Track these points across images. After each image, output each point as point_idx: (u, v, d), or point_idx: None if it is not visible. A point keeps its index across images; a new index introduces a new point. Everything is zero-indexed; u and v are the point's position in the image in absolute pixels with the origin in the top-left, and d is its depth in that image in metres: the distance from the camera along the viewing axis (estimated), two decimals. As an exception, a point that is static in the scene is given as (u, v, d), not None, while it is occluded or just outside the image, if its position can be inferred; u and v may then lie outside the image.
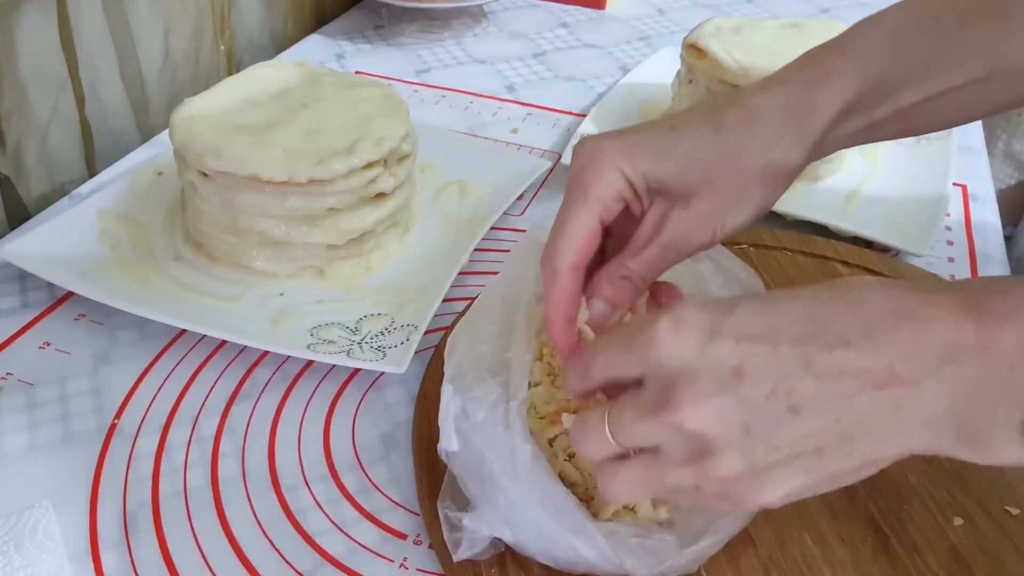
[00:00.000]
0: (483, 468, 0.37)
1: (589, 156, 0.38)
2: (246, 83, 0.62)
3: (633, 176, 0.38)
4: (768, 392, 0.30)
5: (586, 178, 0.38)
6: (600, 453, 0.35)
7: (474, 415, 0.37)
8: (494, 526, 0.37)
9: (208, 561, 0.42)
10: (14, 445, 0.47)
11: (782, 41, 0.71)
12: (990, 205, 0.72)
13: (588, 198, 0.38)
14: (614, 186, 0.38)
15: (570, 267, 0.38)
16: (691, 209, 0.38)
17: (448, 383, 0.38)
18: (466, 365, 0.39)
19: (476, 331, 0.42)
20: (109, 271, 0.57)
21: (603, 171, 0.38)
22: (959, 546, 0.41)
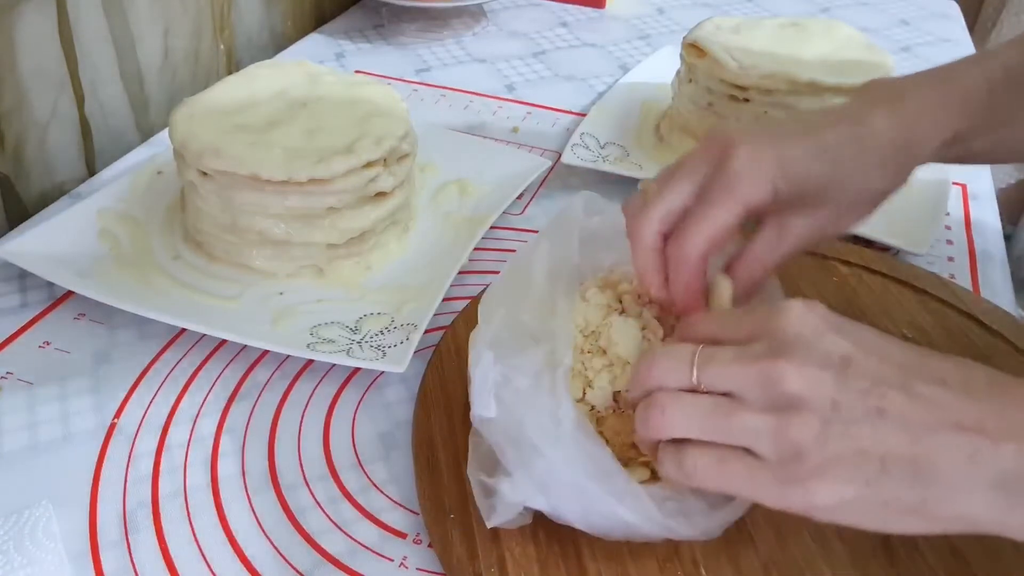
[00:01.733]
0: (522, 434, 0.37)
1: (749, 163, 0.40)
2: (246, 82, 0.62)
3: (783, 190, 0.40)
4: (865, 388, 0.32)
5: (743, 184, 0.39)
6: (668, 380, 0.35)
7: (517, 381, 0.37)
8: (529, 493, 0.37)
9: (208, 560, 0.42)
10: (14, 444, 0.47)
11: (782, 40, 0.71)
12: (990, 204, 0.72)
13: (737, 201, 0.39)
14: (764, 197, 0.40)
15: (701, 257, 0.40)
16: (814, 220, 0.42)
17: (488, 349, 0.38)
18: (505, 333, 0.39)
19: (514, 299, 0.42)
20: (109, 270, 0.57)
21: (760, 183, 0.40)
22: (959, 545, 0.41)
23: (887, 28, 1.06)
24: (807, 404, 0.32)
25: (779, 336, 0.34)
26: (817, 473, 0.32)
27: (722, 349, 0.35)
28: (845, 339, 0.33)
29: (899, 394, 0.31)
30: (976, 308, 0.55)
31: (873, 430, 0.31)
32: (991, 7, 1.75)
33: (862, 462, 0.31)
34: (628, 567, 0.40)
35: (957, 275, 0.62)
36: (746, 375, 0.33)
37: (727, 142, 0.40)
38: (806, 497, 0.32)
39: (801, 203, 0.41)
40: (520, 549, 0.40)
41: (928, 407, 0.31)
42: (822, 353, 0.33)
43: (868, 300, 0.57)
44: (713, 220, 0.39)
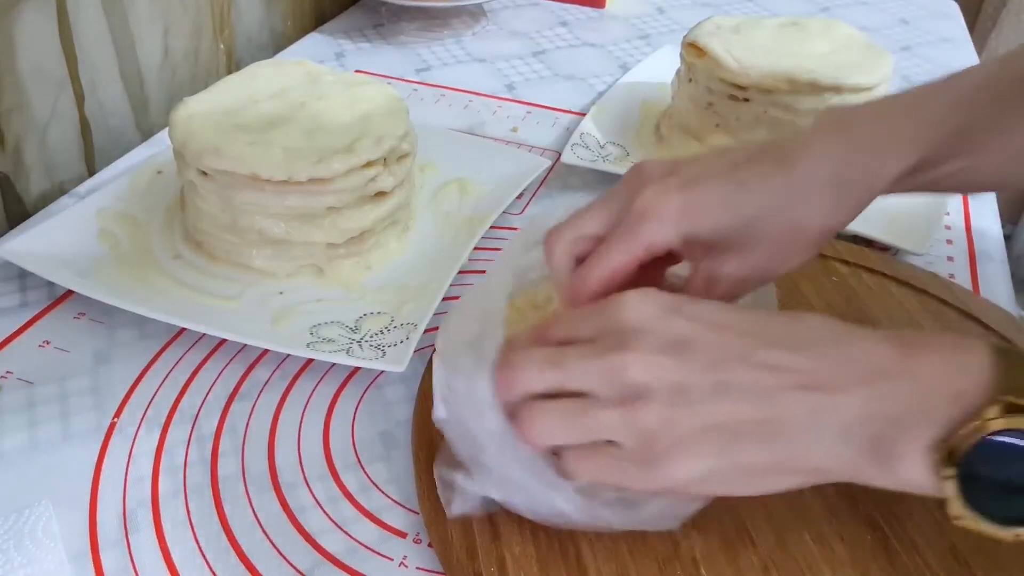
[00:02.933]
0: (468, 433, 0.38)
1: (652, 207, 0.39)
2: (246, 82, 0.62)
3: (691, 236, 0.39)
4: (705, 364, 0.33)
5: (644, 227, 0.39)
6: (527, 386, 0.36)
7: (455, 384, 0.38)
8: (484, 485, 0.39)
9: (208, 560, 0.42)
10: (14, 444, 0.47)
11: (782, 40, 0.71)
12: (990, 204, 0.72)
13: (638, 246, 0.39)
14: (667, 241, 0.39)
15: (594, 293, 0.40)
16: (745, 263, 0.40)
17: (437, 357, 0.40)
18: (454, 340, 0.41)
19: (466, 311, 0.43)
20: (108, 270, 0.57)
21: (662, 227, 0.39)
22: (958, 544, 0.41)
23: (887, 27, 1.06)
24: (651, 391, 0.33)
25: (619, 328, 0.35)
26: (671, 453, 0.33)
27: (571, 348, 0.36)
28: (683, 319, 0.35)
29: (739, 365, 0.33)
30: (976, 308, 0.55)
31: (717, 404, 0.33)
32: (991, 7, 1.75)
33: (713, 436, 0.33)
34: (628, 567, 0.40)
35: (957, 275, 0.62)
36: (593, 372, 0.35)
37: (642, 179, 0.40)
38: (667, 475, 0.34)
39: (726, 246, 0.40)
40: (520, 549, 0.40)
41: (769, 372, 0.33)
42: (661, 337, 0.34)
43: (868, 300, 0.57)
44: (609, 260, 0.40)
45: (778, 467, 0.33)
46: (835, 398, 0.32)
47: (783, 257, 0.40)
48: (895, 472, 0.31)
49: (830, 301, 0.56)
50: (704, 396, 0.33)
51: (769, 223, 0.39)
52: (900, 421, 0.31)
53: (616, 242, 0.40)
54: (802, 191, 0.39)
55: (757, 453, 0.33)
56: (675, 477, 0.34)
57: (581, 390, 0.35)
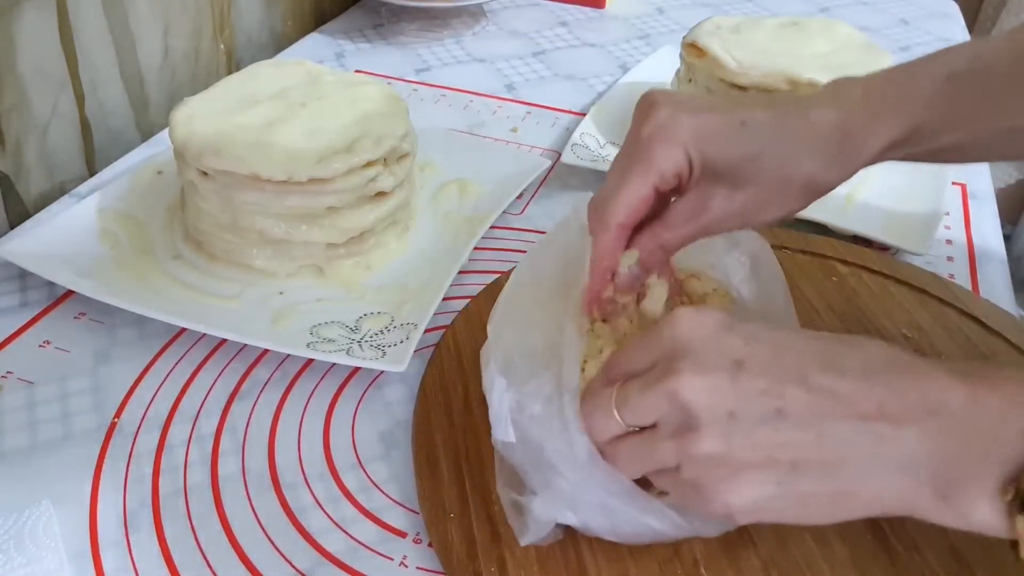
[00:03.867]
0: (543, 458, 0.37)
1: (662, 128, 0.39)
2: (246, 82, 0.62)
3: (695, 159, 0.40)
4: (762, 389, 0.32)
5: (654, 148, 0.39)
6: (606, 432, 0.36)
7: (529, 408, 0.38)
8: (558, 510, 0.38)
9: (208, 559, 0.42)
10: (14, 444, 0.47)
11: (781, 40, 0.71)
12: (989, 204, 0.72)
13: (651, 167, 0.39)
14: (678, 163, 0.39)
15: (620, 225, 0.40)
16: (733, 200, 0.40)
17: (499, 375, 0.39)
18: (516, 356, 0.40)
19: (522, 317, 0.42)
20: (109, 270, 0.57)
21: (672, 147, 0.39)
22: (959, 544, 0.41)
23: (887, 28, 1.06)
24: (703, 418, 0.32)
25: (672, 349, 0.34)
26: (728, 482, 0.32)
27: (632, 384, 0.35)
28: (736, 337, 0.33)
29: (797, 390, 0.32)
30: (976, 308, 0.55)
31: (775, 433, 0.31)
32: (991, 7, 1.75)
33: (770, 465, 0.32)
34: (628, 567, 0.40)
35: (957, 275, 0.62)
36: (653, 404, 0.34)
37: (650, 105, 0.40)
38: (724, 503, 0.33)
39: (723, 179, 0.40)
40: (520, 549, 0.40)
41: (828, 399, 0.31)
42: (714, 356, 0.33)
43: (868, 300, 0.57)
44: (627, 187, 0.40)
45: (837, 498, 0.32)
46: (898, 430, 0.30)
47: (768, 203, 0.41)
48: (961, 511, 0.30)
49: (830, 301, 0.56)
50: (761, 424, 0.32)
51: (763, 166, 0.40)
52: (966, 458, 0.30)
53: (630, 171, 0.40)
54: (797, 142, 0.40)
55: (816, 483, 0.32)
56: (730, 504, 0.33)
57: (650, 423, 0.35)
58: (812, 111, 0.40)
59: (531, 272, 0.45)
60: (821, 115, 0.40)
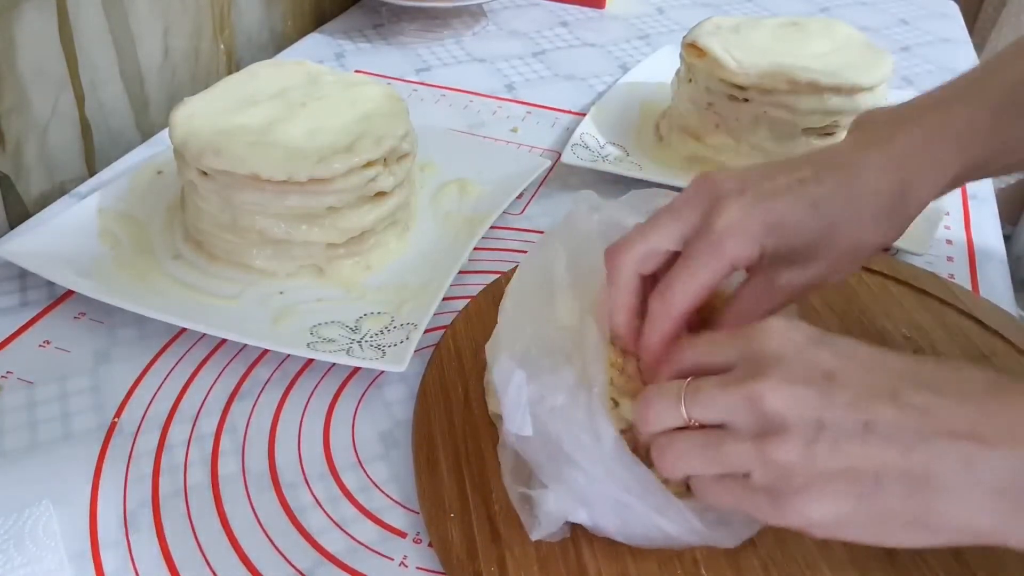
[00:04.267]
0: (559, 451, 0.37)
1: (736, 223, 0.38)
2: (246, 82, 0.62)
3: (770, 250, 0.39)
4: (850, 400, 0.31)
5: (729, 244, 0.38)
6: (664, 422, 0.35)
7: (551, 400, 0.37)
8: (570, 507, 0.38)
9: (208, 559, 0.42)
10: (14, 444, 0.47)
11: (781, 40, 0.71)
12: (989, 204, 0.72)
13: (724, 261, 0.38)
14: (751, 256, 0.39)
15: (683, 314, 0.39)
16: (803, 275, 0.41)
17: (519, 367, 0.38)
18: (535, 350, 0.39)
19: (537, 312, 0.42)
20: (109, 270, 0.57)
21: (746, 242, 0.38)
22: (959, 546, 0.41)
23: (887, 27, 1.06)
24: (790, 425, 0.31)
25: (759, 356, 0.33)
26: (808, 492, 0.31)
27: (707, 380, 0.35)
28: (827, 351, 0.33)
29: (887, 405, 0.31)
30: (976, 308, 0.55)
31: (863, 446, 0.31)
32: (991, 7, 1.75)
33: (854, 478, 0.31)
34: (628, 567, 0.40)
35: (957, 275, 0.62)
36: (730, 403, 0.33)
37: (716, 193, 0.39)
38: (800, 514, 0.32)
39: (790, 258, 0.40)
40: (520, 549, 0.40)
41: (919, 416, 0.30)
42: (804, 368, 0.32)
43: (868, 300, 0.57)
44: (697, 279, 0.38)
45: (920, 520, 0.31)
46: (993, 451, 0.29)
47: (837, 270, 0.42)
48: None
49: (830, 301, 0.56)
50: (847, 435, 0.31)
51: (833, 241, 0.40)
52: None
53: (700, 261, 0.38)
54: (865, 209, 0.40)
55: (900, 502, 0.30)
56: (808, 516, 0.32)
57: (718, 422, 0.34)
58: (869, 175, 0.40)
59: (541, 266, 0.44)
60: (879, 180, 0.40)
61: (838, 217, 0.40)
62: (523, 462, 0.40)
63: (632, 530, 0.39)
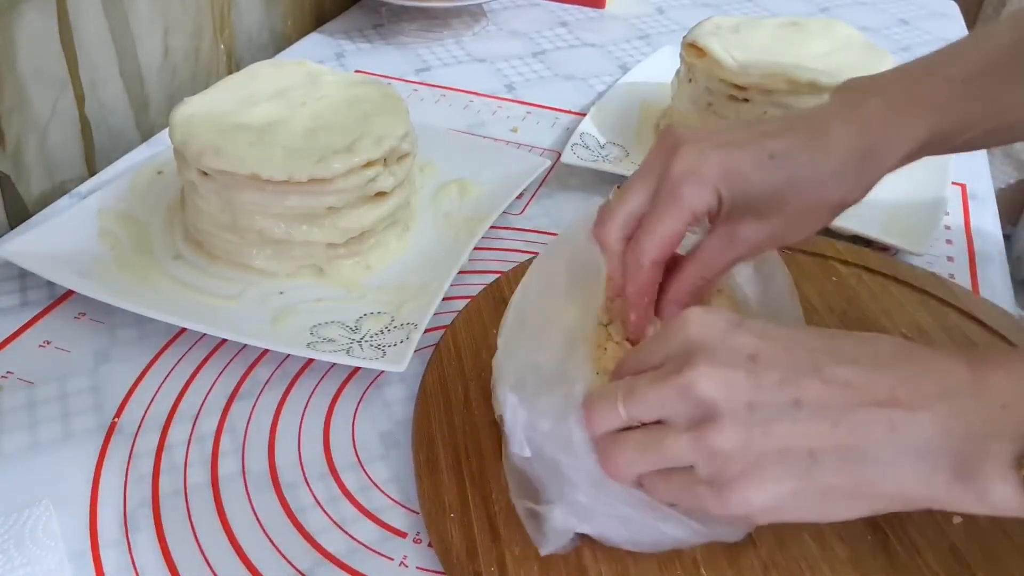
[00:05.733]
0: (559, 472, 0.38)
1: (692, 169, 0.40)
2: (246, 82, 0.62)
3: (725, 197, 0.40)
4: (778, 380, 0.32)
5: (685, 189, 0.40)
6: (605, 425, 0.36)
7: (540, 425, 0.38)
8: (577, 522, 0.39)
9: (208, 559, 0.42)
10: (14, 444, 0.47)
11: (782, 40, 0.71)
12: (989, 204, 0.72)
13: (683, 207, 0.40)
14: (709, 203, 0.40)
15: (654, 262, 0.41)
16: (762, 229, 0.41)
17: (511, 392, 0.39)
18: (527, 373, 0.40)
19: (533, 333, 0.42)
20: (109, 270, 0.57)
21: (703, 188, 0.40)
22: (959, 545, 0.41)
23: (886, 27, 1.06)
24: (722, 410, 0.32)
25: (684, 347, 0.34)
26: (747, 477, 0.32)
27: (640, 378, 0.35)
28: (747, 334, 0.34)
29: (813, 380, 0.32)
30: (976, 308, 0.55)
31: (793, 424, 0.32)
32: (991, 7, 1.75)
33: (790, 458, 0.32)
34: (628, 567, 0.40)
35: (957, 275, 0.62)
36: (663, 397, 0.34)
37: (675, 143, 0.41)
38: (743, 500, 0.33)
39: (751, 211, 0.41)
40: (520, 549, 0.40)
41: (843, 389, 0.32)
42: (729, 352, 0.33)
43: (868, 300, 0.57)
44: (660, 228, 0.40)
45: (858, 491, 0.32)
46: (913, 415, 0.31)
47: (798, 227, 0.42)
48: (979, 492, 0.30)
49: (830, 301, 0.56)
50: (779, 415, 0.32)
51: (793, 195, 0.41)
52: (980, 437, 0.30)
53: (662, 212, 0.40)
54: (823, 168, 0.41)
55: (836, 476, 0.32)
56: (750, 503, 0.32)
57: (656, 418, 0.34)
58: (833, 133, 0.41)
59: (539, 283, 0.45)
60: (842, 138, 0.41)
61: (797, 171, 0.40)
62: (525, 477, 0.41)
63: (639, 539, 0.39)
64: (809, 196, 0.41)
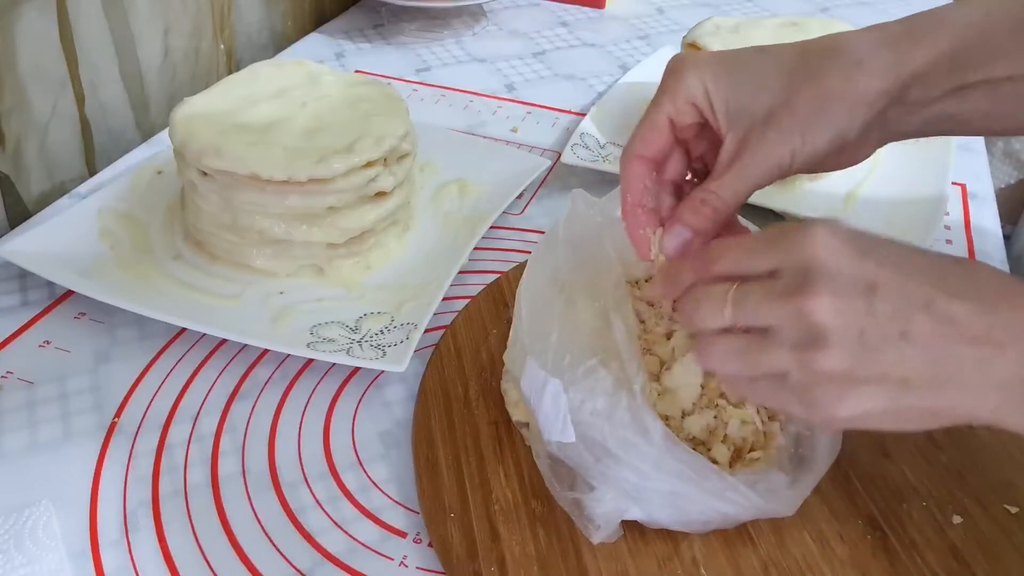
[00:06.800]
0: (606, 453, 0.38)
1: (678, 62, 0.41)
2: (246, 82, 0.62)
3: (712, 89, 0.40)
4: (891, 312, 0.33)
5: (667, 80, 0.41)
6: (709, 322, 0.36)
7: (590, 404, 0.38)
8: (623, 504, 0.39)
9: (208, 559, 0.42)
10: (14, 444, 0.47)
11: (781, 40, 0.70)
12: (989, 204, 0.72)
13: (662, 98, 0.41)
14: (689, 90, 0.40)
15: (638, 156, 0.41)
16: (769, 129, 0.40)
17: (552, 377, 0.39)
18: (568, 357, 0.40)
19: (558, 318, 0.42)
20: (109, 269, 0.57)
21: (683, 76, 0.40)
22: (958, 544, 0.41)
23: (887, 28, 1.06)
24: (834, 336, 0.33)
25: (806, 267, 0.34)
26: (840, 394, 0.33)
27: (754, 287, 0.35)
28: (871, 260, 0.34)
29: (923, 315, 0.33)
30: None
31: (898, 354, 0.33)
32: (991, 7, 1.74)
33: (885, 383, 0.33)
34: (628, 566, 0.40)
35: (957, 275, 0.62)
36: (776, 312, 0.34)
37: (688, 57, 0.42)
38: (831, 414, 0.34)
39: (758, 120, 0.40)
40: (520, 548, 0.40)
41: (948, 324, 0.33)
42: (851, 280, 0.33)
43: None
44: (644, 121, 0.41)
45: (934, 412, 0.34)
46: (1001, 352, 0.32)
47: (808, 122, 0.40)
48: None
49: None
50: (885, 345, 0.33)
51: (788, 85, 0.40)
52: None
53: (655, 101, 0.41)
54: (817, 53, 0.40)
55: (921, 401, 0.33)
56: (836, 415, 0.34)
57: (763, 327, 0.35)
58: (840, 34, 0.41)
59: (549, 271, 0.45)
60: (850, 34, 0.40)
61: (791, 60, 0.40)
62: (563, 468, 0.41)
63: (688, 516, 0.39)
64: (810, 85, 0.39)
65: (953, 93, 0.41)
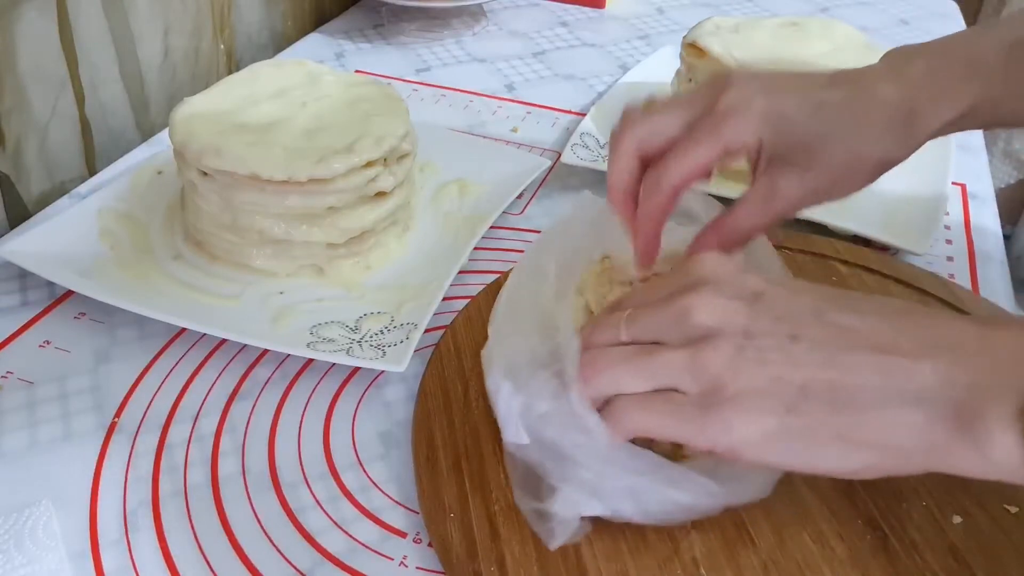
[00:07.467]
0: (560, 453, 0.38)
1: (737, 105, 0.40)
2: (246, 82, 0.62)
3: (767, 142, 0.40)
4: (777, 317, 0.33)
5: (728, 122, 0.40)
6: (604, 340, 0.37)
7: (537, 408, 0.38)
8: (585, 503, 0.38)
9: (208, 559, 0.42)
10: (14, 444, 0.47)
11: (781, 40, 0.71)
12: (989, 204, 0.72)
13: (720, 140, 0.40)
14: (747, 141, 0.40)
15: (675, 188, 0.40)
16: (804, 181, 0.41)
17: (504, 380, 0.39)
18: (519, 359, 0.40)
19: (522, 319, 0.42)
20: (109, 269, 0.57)
21: (745, 125, 0.40)
22: (958, 544, 0.41)
23: (887, 28, 1.06)
24: (719, 332, 0.33)
25: (694, 280, 0.35)
26: (734, 404, 0.32)
27: (646, 303, 0.36)
28: (756, 276, 0.34)
29: (812, 321, 0.32)
30: (976, 308, 0.55)
31: (788, 355, 0.32)
32: (991, 7, 1.75)
33: (779, 388, 0.32)
34: (628, 567, 0.40)
35: (957, 275, 0.62)
36: (662, 318, 0.35)
37: (727, 82, 0.41)
38: (729, 430, 0.32)
39: (791, 160, 0.41)
40: (520, 548, 0.40)
41: (842, 332, 0.32)
42: (733, 287, 0.34)
43: (868, 300, 0.57)
44: (693, 155, 0.40)
45: (844, 435, 0.31)
46: (914, 363, 0.30)
47: (839, 183, 0.42)
48: (982, 443, 0.29)
49: (830, 301, 0.56)
50: (774, 345, 0.32)
51: (836, 147, 0.40)
52: (983, 388, 0.29)
53: (698, 140, 0.40)
54: (866, 123, 0.41)
55: (824, 415, 0.31)
56: (734, 431, 0.32)
57: (653, 339, 0.35)
58: (879, 89, 0.41)
59: (530, 272, 0.45)
60: (888, 95, 0.41)
61: (840, 122, 0.40)
62: (532, 473, 0.41)
63: (650, 508, 0.39)
64: (852, 150, 0.41)
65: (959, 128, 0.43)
